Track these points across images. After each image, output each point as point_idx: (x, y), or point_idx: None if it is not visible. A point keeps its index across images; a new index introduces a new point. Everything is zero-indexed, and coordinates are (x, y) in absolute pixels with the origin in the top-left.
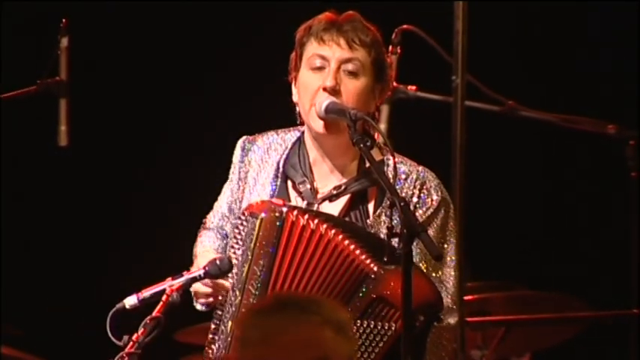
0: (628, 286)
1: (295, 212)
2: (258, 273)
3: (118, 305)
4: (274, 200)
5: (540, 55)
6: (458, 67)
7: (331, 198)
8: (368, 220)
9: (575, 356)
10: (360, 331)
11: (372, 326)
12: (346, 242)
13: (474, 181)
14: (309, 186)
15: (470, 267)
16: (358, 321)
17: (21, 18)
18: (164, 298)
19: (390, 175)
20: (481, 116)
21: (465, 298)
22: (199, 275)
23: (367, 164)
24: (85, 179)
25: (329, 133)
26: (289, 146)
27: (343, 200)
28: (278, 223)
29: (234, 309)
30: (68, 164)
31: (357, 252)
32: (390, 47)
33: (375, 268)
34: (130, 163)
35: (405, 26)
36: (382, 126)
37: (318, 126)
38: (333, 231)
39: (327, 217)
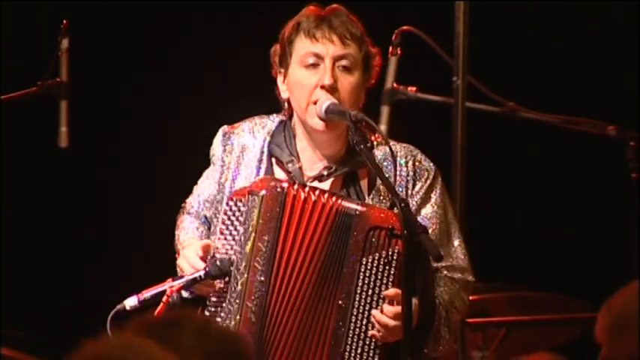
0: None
1: (296, 187)
2: (264, 249)
3: (119, 306)
4: (275, 177)
5: (540, 56)
6: (459, 69)
7: (321, 178)
8: (366, 200)
9: (576, 357)
10: (369, 267)
11: (377, 258)
12: (340, 201)
13: (474, 181)
14: (297, 165)
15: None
16: (364, 259)
17: (21, 18)
18: (164, 299)
19: (378, 158)
20: (481, 117)
21: None
22: (200, 276)
23: (356, 149)
24: (86, 180)
25: (328, 129)
26: (273, 129)
27: (332, 181)
28: (280, 199)
29: (240, 287)
30: (68, 165)
31: (343, 202)
32: (390, 48)
33: (353, 205)
34: (131, 164)
35: (405, 27)
36: (382, 127)
37: (318, 124)
38: (334, 199)
39: (325, 191)
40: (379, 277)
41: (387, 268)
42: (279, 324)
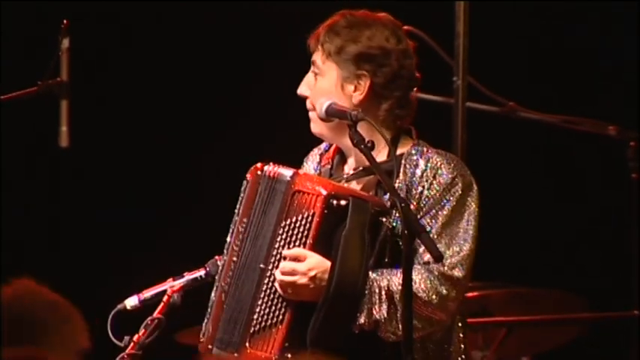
0: (628, 287)
1: (272, 167)
2: (242, 230)
3: (119, 306)
4: (266, 163)
5: (541, 56)
6: (459, 69)
7: (348, 179)
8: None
9: (577, 357)
10: (286, 229)
11: (294, 220)
12: (278, 168)
13: (475, 181)
14: (328, 166)
15: None
16: (283, 221)
17: (21, 18)
18: (165, 298)
19: (417, 164)
20: (481, 117)
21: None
22: (200, 276)
23: (398, 152)
24: (86, 180)
25: (334, 131)
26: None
27: (365, 183)
28: (259, 181)
29: (220, 268)
30: (69, 165)
31: (279, 170)
32: None
33: (287, 171)
34: (131, 163)
35: (405, 27)
36: None
37: (316, 128)
38: (278, 169)
39: (282, 165)
40: (294, 239)
41: (301, 230)
42: (238, 299)
